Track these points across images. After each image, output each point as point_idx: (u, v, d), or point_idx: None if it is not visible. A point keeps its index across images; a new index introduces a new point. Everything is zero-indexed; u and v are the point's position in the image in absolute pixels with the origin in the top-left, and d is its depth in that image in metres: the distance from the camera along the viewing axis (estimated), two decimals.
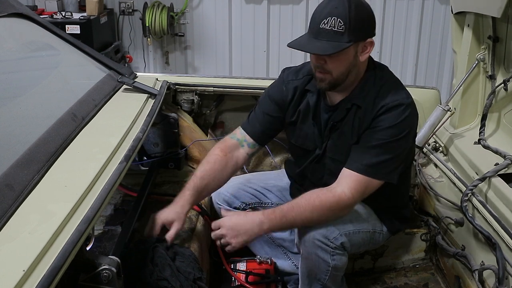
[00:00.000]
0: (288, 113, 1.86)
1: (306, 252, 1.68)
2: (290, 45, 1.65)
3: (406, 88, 1.75)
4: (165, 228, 1.68)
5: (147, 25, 4.76)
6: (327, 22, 1.55)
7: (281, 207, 1.65)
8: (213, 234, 1.67)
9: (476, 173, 1.95)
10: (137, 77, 2.18)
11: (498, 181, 1.82)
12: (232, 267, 1.96)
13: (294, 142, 1.90)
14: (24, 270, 0.90)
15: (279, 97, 1.86)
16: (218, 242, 1.67)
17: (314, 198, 1.63)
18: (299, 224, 1.68)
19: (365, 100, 1.67)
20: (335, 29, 1.54)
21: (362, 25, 1.60)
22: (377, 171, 1.64)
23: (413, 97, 2.38)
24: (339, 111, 1.73)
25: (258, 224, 1.62)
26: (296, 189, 2.03)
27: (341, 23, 1.54)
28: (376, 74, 1.72)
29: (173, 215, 1.69)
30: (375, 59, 1.80)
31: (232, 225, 1.63)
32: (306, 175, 1.90)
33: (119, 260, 1.18)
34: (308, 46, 1.60)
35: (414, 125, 1.72)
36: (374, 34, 1.66)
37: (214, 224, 1.68)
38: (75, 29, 4.30)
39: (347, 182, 1.64)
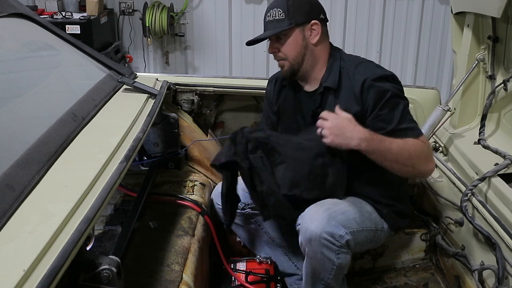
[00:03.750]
0: (274, 106, 2.01)
1: (312, 252, 1.68)
2: (247, 42, 1.88)
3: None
4: None
5: (147, 25, 4.76)
6: (270, 15, 1.79)
7: (380, 134, 1.66)
8: (319, 122, 1.66)
9: (476, 173, 1.95)
10: (137, 77, 2.18)
11: (498, 181, 1.82)
12: (232, 267, 1.97)
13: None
14: (24, 270, 0.90)
15: (268, 95, 2.05)
16: (319, 130, 1.66)
17: (407, 139, 1.67)
18: (392, 153, 1.65)
19: (341, 82, 1.77)
20: (277, 18, 1.77)
21: (302, 9, 1.77)
22: (419, 128, 1.74)
23: (413, 97, 2.41)
24: (314, 98, 1.84)
25: (358, 139, 1.61)
26: None
27: (280, 11, 1.76)
28: (343, 58, 1.82)
29: None
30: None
31: (339, 125, 1.63)
32: None
33: (119, 260, 1.18)
34: (256, 37, 1.82)
35: (403, 91, 1.76)
36: (318, 17, 1.80)
37: (325, 113, 1.66)
38: (75, 29, 4.30)
39: None
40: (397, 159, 1.66)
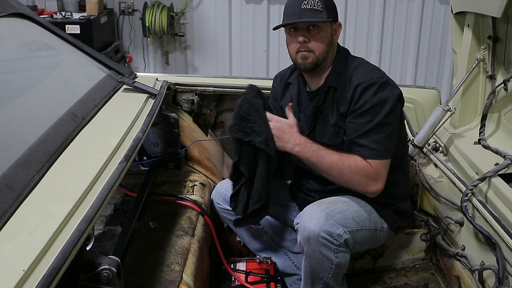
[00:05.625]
0: (279, 102, 2.01)
1: (310, 251, 1.69)
2: (277, 26, 1.83)
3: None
4: None
5: (147, 25, 4.76)
6: (307, 3, 1.76)
7: (319, 145, 1.76)
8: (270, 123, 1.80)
9: (476, 173, 1.95)
10: (137, 77, 2.18)
11: (498, 181, 1.82)
12: (232, 267, 1.97)
13: None
14: (24, 270, 0.90)
15: (273, 94, 2.04)
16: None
17: (351, 157, 1.72)
18: (324, 165, 1.73)
19: (340, 81, 1.79)
20: (316, 8, 1.75)
21: (334, 7, 1.82)
22: (383, 151, 1.72)
23: (413, 97, 2.41)
24: (318, 97, 1.85)
25: (294, 144, 1.76)
26: (296, 188, 2.03)
27: (319, 3, 1.76)
28: (347, 57, 1.86)
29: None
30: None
31: (281, 128, 1.78)
32: (303, 167, 1.91)
33: (119, 260, 1.18)
34: (293, 20, 1.76)
35: (394, 103, 1.74)
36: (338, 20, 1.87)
37: (271, 115, 1.80)
38: (75, 29, 4.30)
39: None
40: (328, 172, 1.75)
